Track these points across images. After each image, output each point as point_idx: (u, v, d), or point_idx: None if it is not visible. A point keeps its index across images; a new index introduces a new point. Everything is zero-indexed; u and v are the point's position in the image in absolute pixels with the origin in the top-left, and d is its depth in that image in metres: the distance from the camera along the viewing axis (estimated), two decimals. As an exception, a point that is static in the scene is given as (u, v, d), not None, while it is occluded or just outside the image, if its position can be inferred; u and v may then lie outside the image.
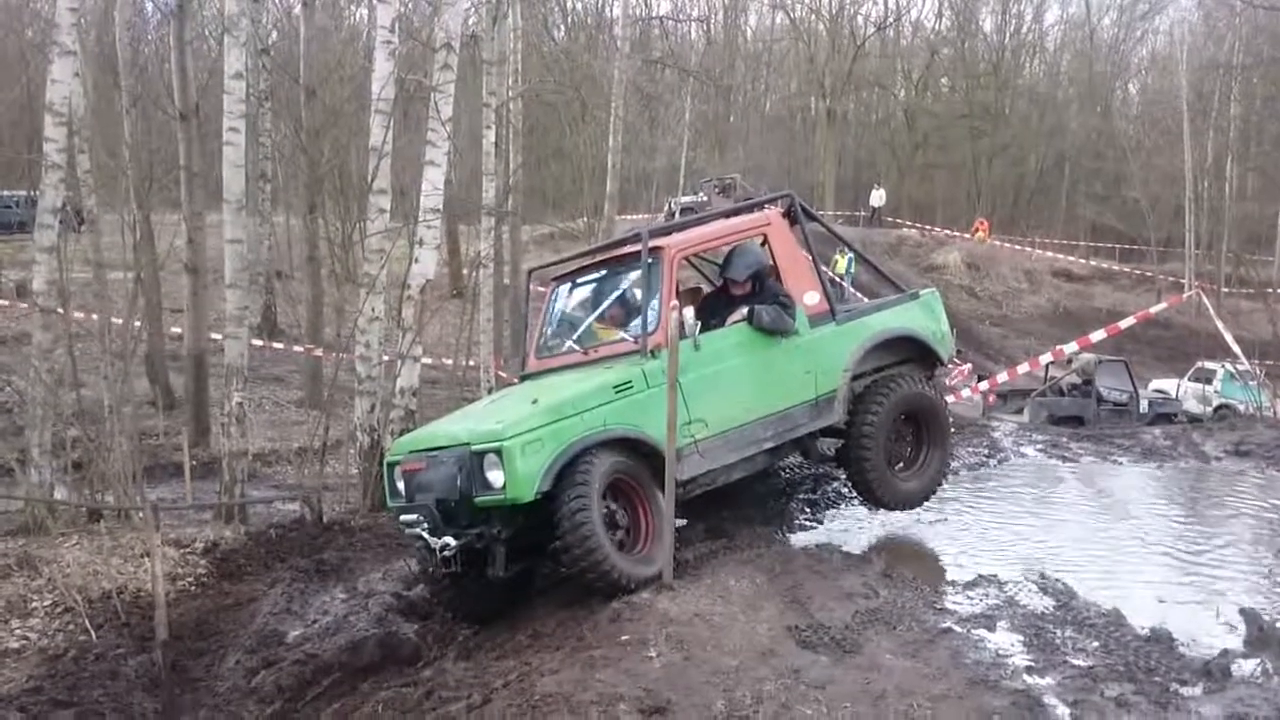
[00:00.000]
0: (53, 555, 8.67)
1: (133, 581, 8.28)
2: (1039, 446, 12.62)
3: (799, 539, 7.80)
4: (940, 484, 8.46)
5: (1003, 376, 20.67)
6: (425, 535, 6.46)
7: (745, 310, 7.40)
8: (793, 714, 4.71)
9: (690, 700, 4.84)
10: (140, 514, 9.36)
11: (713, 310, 7.78)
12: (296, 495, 11.33)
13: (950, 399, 19.29)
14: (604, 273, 7.90)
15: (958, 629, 5.68)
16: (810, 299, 7.66)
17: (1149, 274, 40.90)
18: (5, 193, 30.12)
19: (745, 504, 8.50)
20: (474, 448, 6.30)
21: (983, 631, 5.66)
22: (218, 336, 16.16)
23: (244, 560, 9.48)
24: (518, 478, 6.09)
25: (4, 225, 27.99)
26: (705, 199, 38.96)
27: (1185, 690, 4.91)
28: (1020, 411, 19.65)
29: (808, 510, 8.78)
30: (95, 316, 12.33)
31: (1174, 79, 44.78)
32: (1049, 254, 42.28)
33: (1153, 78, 58.36)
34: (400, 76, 12.52)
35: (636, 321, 7.40)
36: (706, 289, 8.62)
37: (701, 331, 7.12)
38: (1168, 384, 24.56)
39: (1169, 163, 42.82)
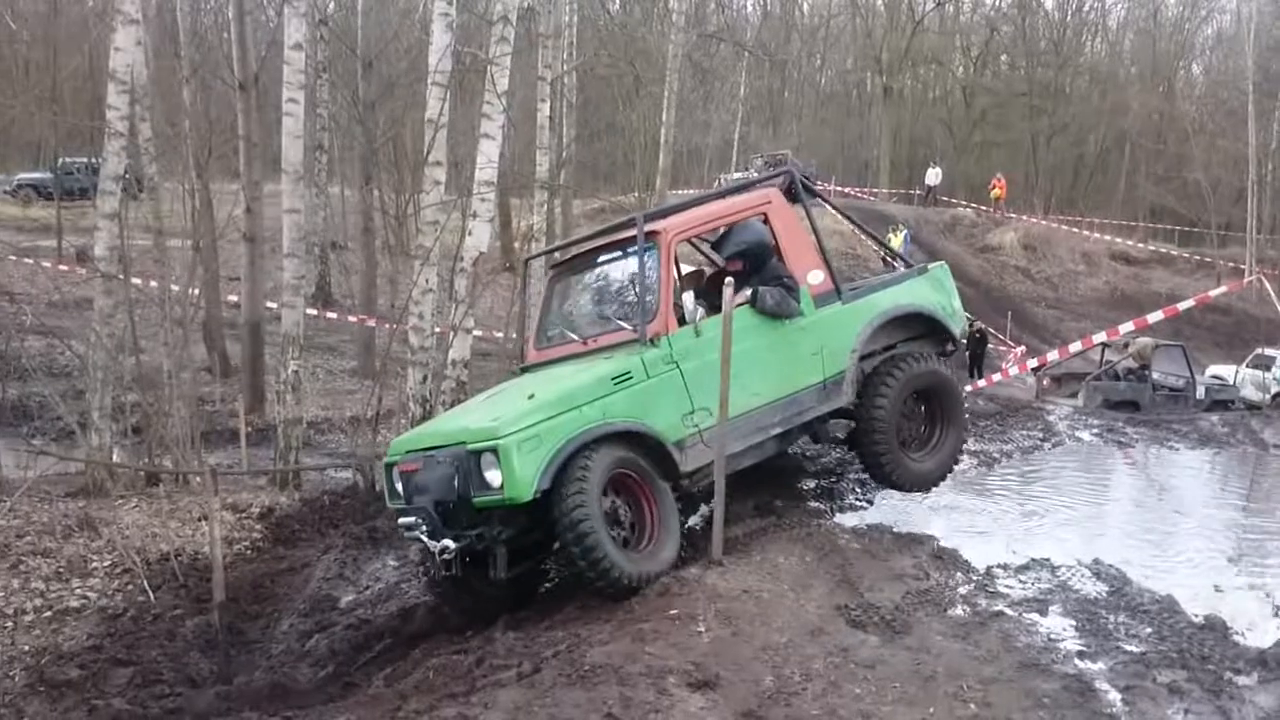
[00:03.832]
0: (112, 517, 8.84)
1: (190, 544, 8.45)
2: (1094, 431, 12.49)
3: (849, 518, 7.76)
4: (956, 463, 8.30)
5: (1053, 355, 20.46)
6: (424, 539, 6.27)
7: (748, 293, 7.18)
8: (841, 692, 4.72)
9: (739, 675, 4.86)
10: (198, 478, 9.51)
11: (716, 292, 7.48)
12: (350, 463, 11.46)
13: (998, 377, 19.14)
14: (603, 259, 7.65)
15: (1009, 612, 5.65)
16: (814, 278, 7.46)
17: (1209, 258, 40.14)
18: (68, 159, 30.56)
19: (795, 482, 8.49)
20: (470, 447, 6.10)
21: (1034, 615, 5.63)
22: (273, 305, 16.36)
23: (298, 526, 9.63)
24: (516, 477, 5.89)
25: (66, 191, 28.39)
26: (756, 175, 38.71)
27: (1239, 679, 4.88)
28: (1075, 395, 19.41)
29: (858, 489, 8.73)
30: (155, 283, 12.51)
31: (1240, 59, 43.82)
32: (1107, 236, 41.59)
33: (1218, 58, 57.13)
34: (457, 49, 12.54)
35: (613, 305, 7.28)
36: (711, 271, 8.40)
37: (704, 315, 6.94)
38: (1225, 370, 24.15)
39: (1232, 145, 41.95)
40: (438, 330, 11.94)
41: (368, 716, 4.89)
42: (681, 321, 6.84)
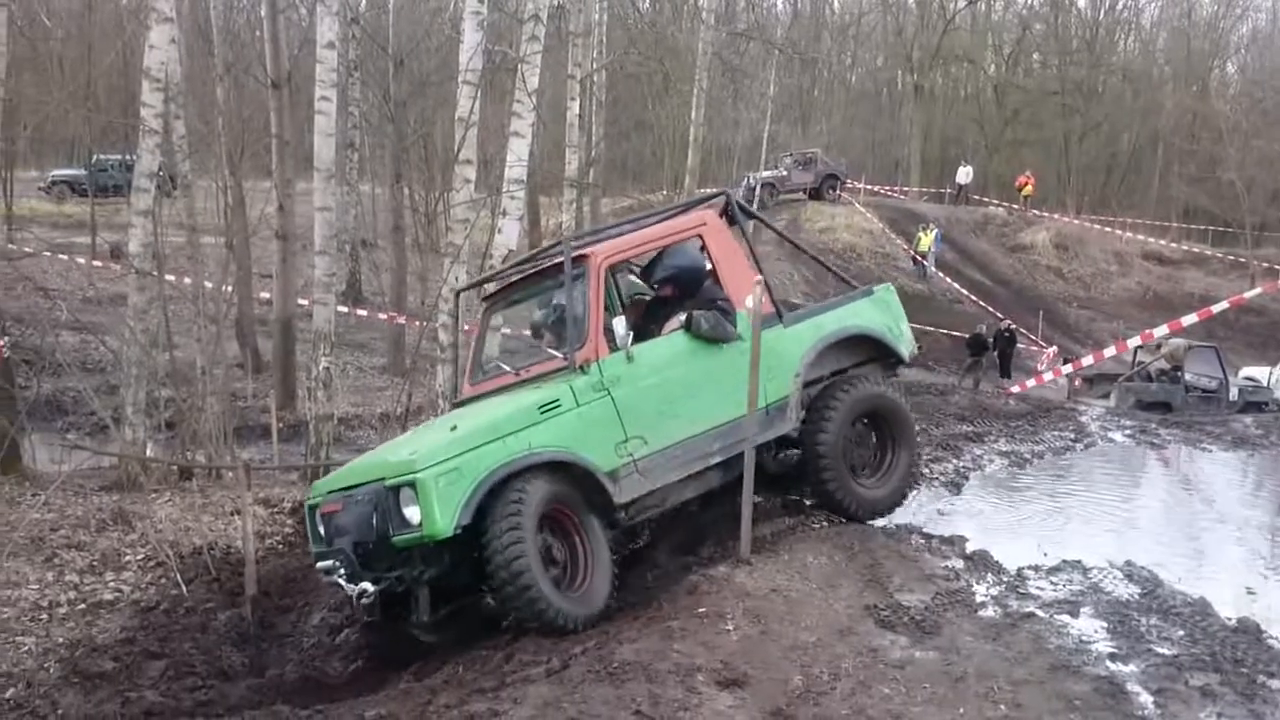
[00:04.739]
0: (146, 511, 8.92)
1: (223, 538, 8.50)
2: (1127, 432, 12.40)
3: (878, 518, 7.73)
4: (911, 487, 7.99)
5: (1088, 360, 20.32)
6: (341, 582, 5.98)
7: (682, 317, 6.91)
8: (870, 692, 4.72)
9: (767, 674, 4.87)
10: (231, 473, 9.59)
11: (652, 318, 7.38)
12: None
13: (1031, 383, 19.02)
14: (535, 287, 7.46)
15: (1040, 614, 5.63)
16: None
17: (1243, 259, 39.73)
18: (102, 156, 30.87)
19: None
20: (388, 483, 5.85)
21: (1066, 617, 5.60)
22: (305, 302, 16.47)
23: (329, 521, 9.66)
24: (434, 513, 5.60)
25: (100, 188, 28.67)
26: (785, 174, 38.68)
27: (1273, 682, 4.85)
28: (1107, 396, 19.29)
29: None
30: (188, 280, 12.62)
31: (1275, 58, 43.41)
32: (1139, 236, 41.25)
33: (1253, 56, 56.60)
34: (488, 48, 12.58)
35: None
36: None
37: (642, 340, 6.76)
38: (1259, 371, 23.89)
39: (1267, 145, 41.50)
40: (467, 328, 11.98)
41: (399, 710, 4.92)
42: (613, 348, 6.57)
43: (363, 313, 22.71)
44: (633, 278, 7.81)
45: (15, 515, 8.59)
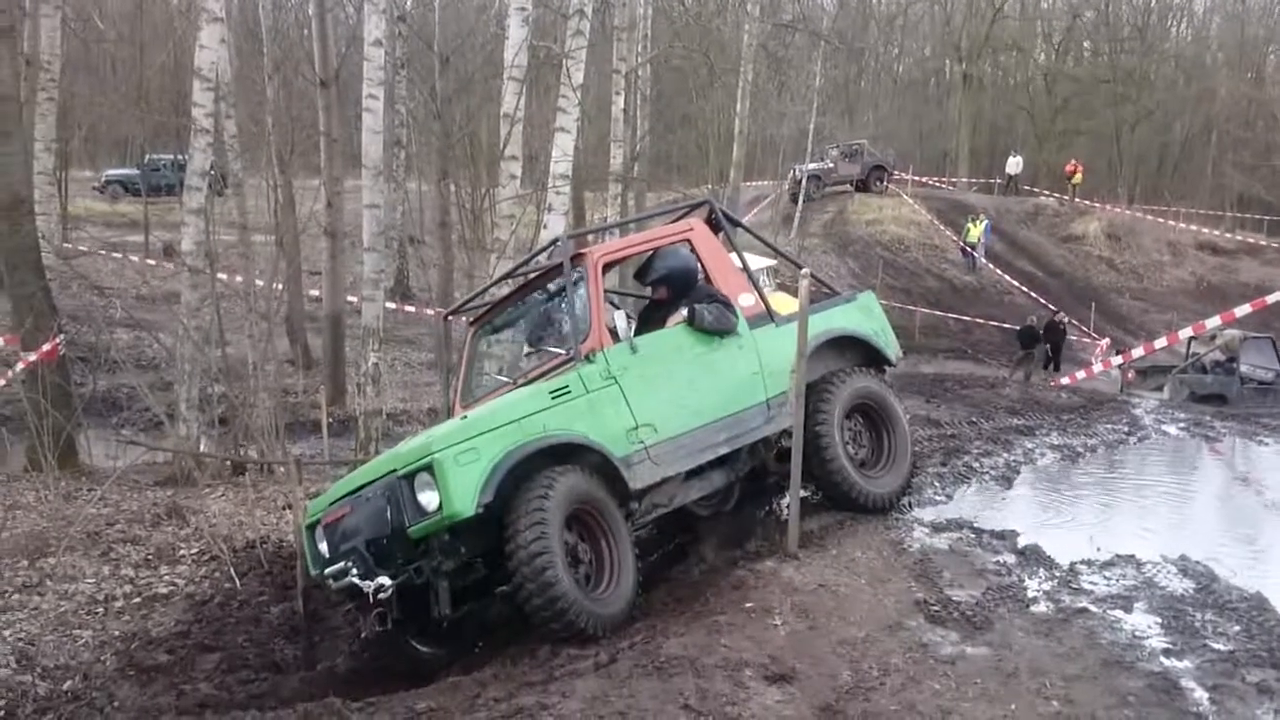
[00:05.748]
0: (199, 505, 9.05)
1: (275, 532, 8.59)
2: (1181, 425, 12.24)
3: (927, 513, 7.68)
4: (913, 470, 7.99)
5: (1138, 351, 20.05)
6: (356, 580, 5.79)
7: (685, 312, 6.92)
8: (920, 688, 4.69)
9: (816, 669, 4.86)
10: (283, 468, 9.70)
11: (648, 320, 7.45)
12: (428, 455, 11.56)
13: (1081, 374, 18.81)
14: (523, 306, 7.55)
15: (1093, 609, 5.56)
16: (745, 300, 7.23)
17: (1299, 248, 39.02)
18: (154, 156, 31.26)
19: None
20: (401, 472, 5.73)
21: (1119, 612, 5.53)
22: (354, 299, 16.62)
23: (377, 515, 9.74)
24: (452, 492, 5.48)
25: (153, 188, 29.03)
26: (831, 166, 38.45)
27: (1332, 679, 4.75)
28: (1160, 388, 19.01)
29: (937, 484, 8.65)
30: (240, 277, 12.76)
31: (1334, 42, 42.50)
32: (1193, 226, 40.55)
33: (1309, 41, 55.47)
34: (532, 44, 12.62)
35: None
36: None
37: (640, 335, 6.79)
38: (1317, 363, 23.46)
39: (1325, 130, 40.67)
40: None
41: (448, 703, 4.95)
42: (616, 342, 6.61)
43: (410, 309, 22.86)
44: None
45: (72, 510, 8.74)
